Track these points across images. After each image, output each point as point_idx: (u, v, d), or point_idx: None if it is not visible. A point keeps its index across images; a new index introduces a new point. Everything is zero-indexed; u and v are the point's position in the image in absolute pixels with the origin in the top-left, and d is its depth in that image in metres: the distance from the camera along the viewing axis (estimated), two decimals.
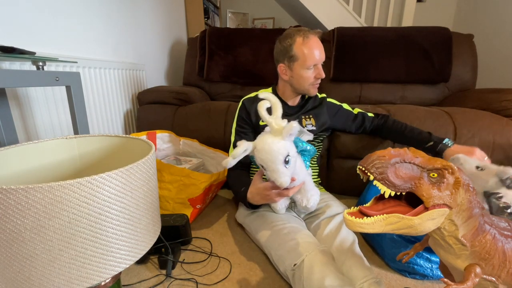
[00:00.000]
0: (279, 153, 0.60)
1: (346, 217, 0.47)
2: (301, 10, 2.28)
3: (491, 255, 0.45)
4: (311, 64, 0.90)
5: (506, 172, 0.63)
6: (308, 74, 0.91)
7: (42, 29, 0.97)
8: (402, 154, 0.45)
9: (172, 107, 1.41)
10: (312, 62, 0.89)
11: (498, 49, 1.97)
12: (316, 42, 0.90)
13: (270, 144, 0.61)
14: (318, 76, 0.92)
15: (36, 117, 0.95)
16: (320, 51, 0.90)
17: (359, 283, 0.62)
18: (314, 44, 0.89)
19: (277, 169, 0.61)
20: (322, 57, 0.91)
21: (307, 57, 0.89)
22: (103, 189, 0.43)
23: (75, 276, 0.43)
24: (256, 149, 0.64)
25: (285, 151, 0.61)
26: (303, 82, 0.93)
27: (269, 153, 0.61)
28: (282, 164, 0.61)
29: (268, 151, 0.61)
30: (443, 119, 1.14)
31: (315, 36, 0.90)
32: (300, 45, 0.89)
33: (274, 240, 0.78)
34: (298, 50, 0.89)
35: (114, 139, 0.68)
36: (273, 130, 0.64)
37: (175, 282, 0.76)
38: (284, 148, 0.61)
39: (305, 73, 0.91)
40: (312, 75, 0.92)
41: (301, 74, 0.92)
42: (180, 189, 0.99)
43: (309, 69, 0.91)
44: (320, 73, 0.92)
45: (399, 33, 1.63)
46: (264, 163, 0.62)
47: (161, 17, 1.89)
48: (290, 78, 0.95)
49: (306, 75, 0.92)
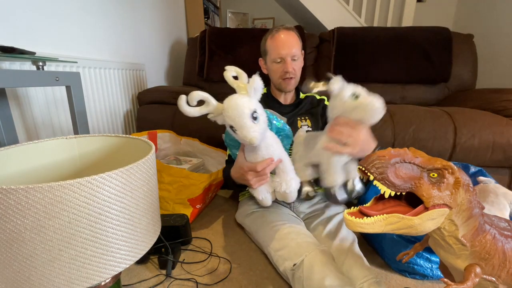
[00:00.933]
0: (244, 106, 0.61)
1: (346, 217, 0.47)
2: (301, 10, 2.28)
3: (491, 255, 0.45)
4: (276, 57, 0.93)
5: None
6: (275, 67, 0.95)
7: (42, 29, 0.97)
8: (402, 154, 0.45)
9: (172, 107, 1.41)
10: (276, 55, 0.93)
11: (498, 49, 1.97)
12: (284, 37, 0.92)
13: (235, 100, 0.62)
14: (285, 70, 0.93)
15: (36, 117, 0.95)
16: (287, 46, 0.92)
17: (359, 283, 0.62)
18: (280, 39, 0.92)
19: (245, 124, 0.61)
20: (289, 52, 0.92)
21: (273, 51, 0.93)
22: (103, 189, 0.43)
23: (75, 276, 0.43)
24: (224, 109, 0.63)
25: (251, 105, 0.62)
26: (273, 75, 0.98)
27: (235, 108, 0.61)
28: (250, 118, 0.61)
29: (234, 107, 0.61)
30: (443, 119, 1.14)
31: (287, 30, 0.93)
32: (269, 40, 0.95)
33: (273, 240, 0.78)
34: (268, 44, 0.95)
35: (114, 139, 0.68)
36: (238, 89, 0.66)
37: (175, 282, 0.76)
38: (249, 102, 0.62)
39: (273, 66, 0.96)
40: (280, 68, 0.94)
41: (271, 67, 0.97)
42: (180, 190, 0.99)
43: (276, 62, 0.94)
44: (286, 67, 0.93)
45: (399, 33, 1.63)
46: (232, 120, 0.61)
47: (161, 17, 1.89)
48: (268, 72, 1.01)
49: (274, 68, 0.96)
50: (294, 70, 0.94)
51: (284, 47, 0.91)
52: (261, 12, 3.54)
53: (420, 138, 1.13)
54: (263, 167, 0.69)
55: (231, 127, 0.64)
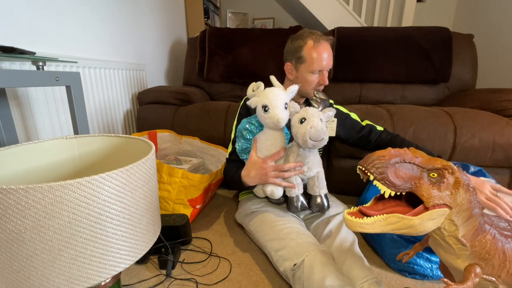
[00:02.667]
0: (281, 95, 0.77)
1: (346, 217, 0.47)
2: (301, 10, 2.28)
3: (491, 255, 0.45)
4: (317, 69, 0.90)
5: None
6: (312, 78, 0.92)
7: (42, 29, 0.97)
8: (402, 154, 0.45)
9: (172, 107, 1.41)
10: (318, 67, 0.90)
11: (498, 49, 1.97)
12: (326, 48, 0.90)
13: (277, 89, 0.78)
14: (322, 82, 0.93)
15: (36, 117, 0.95)
16: (328, 58, 0.91)
17: (359, 283, 0.62)
18: (323, 50, 0.89)
19: (278, 106, 0.75)
20: (329, 64, 0.92)
21: (315, 61, 0.89)
22: (103, 189, 0.43)
23: (75, 276, 0.43)
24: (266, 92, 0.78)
25: (286, 98, 0.78)
26: (306, 85, 0.94)
27: (276, 94, 0.77)
28: (283, 104, 0.76)
29: (275, 93, 0.77)
30: (443, 119, 1.14)
31: (326, 42, 0.91)
32: (310, 48, 0.90)
33: (274, 240, 0.78)
34: (307, 53, 0.90)
35: (114, 139, 0.68)
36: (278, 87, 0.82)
37: (175, 282, 0.76)
38: (286, 95, 0.78)
39: (310, 76, 0.92)
40: (316, 80, 0.93)
41: (306, 77, 0.93)
42: (180, 191, 0.99)
43: (314, 73, 0.92)
44: (323, 80, 0.92)
45: (399, 33, 1.63)
46: (270, 101, 0.75)
47: (161, 17, 1.89)
48: (295, 78, 0.97)
49: (311, 79, 0.92)
50: None
51: (327, 59, 0.90)
52: (261, 12, 3.54)
53: (420, 138, 1.13)
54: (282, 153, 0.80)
55: (264, 107, 0.77)
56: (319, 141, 0.72)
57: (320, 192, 0.83)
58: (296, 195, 0.82)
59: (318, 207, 0.83)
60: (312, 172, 0.81)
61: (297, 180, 0.81)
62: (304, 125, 0.73)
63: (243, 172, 0.84)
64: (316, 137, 0.71)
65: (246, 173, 0.83)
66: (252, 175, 0.81)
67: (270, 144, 0.80)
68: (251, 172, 0.81)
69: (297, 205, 0.82)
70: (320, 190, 0.83)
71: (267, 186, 0.82)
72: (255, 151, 0.82)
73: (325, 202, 0.84)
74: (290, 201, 0.83)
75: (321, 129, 0.72)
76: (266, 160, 0.79)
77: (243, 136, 0.89)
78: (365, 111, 1.22)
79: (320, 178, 0.83)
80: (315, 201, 0.83)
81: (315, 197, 0.83)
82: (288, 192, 0.82)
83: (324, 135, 0.72)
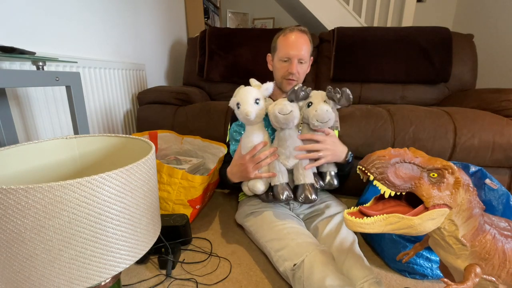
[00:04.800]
0: (251, 92, 0.81)
1: (346, 217, 0.47)
2: (301, 10, 2.28)
3: (491, 255, 0.45)
4: (284, 55, 0.94)
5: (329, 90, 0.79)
6: (280, 65, 0.96)
7: (42, 29, 0.97)
8: (402, 154, 0.45)
9: (172, 107, 1.41)
10: (284, 54, 0.94)
11: (498, 49, 1.97)
12: (295, 37, 0.93)
13: (248, 87, 0.83)
14: (289, 70, 0.94)
15: (36, 117, 0.95)
16: (296, 47, 0.92)
17: (359, 283, 0.62)
18: (291, 38, 0.93)
19: (248, 101, 0.79)
20: (297, 53, 0.93)
21: (282, 48, 0.94)
22: (103, 189, 0.43)
23: (75, 276, 0.43)
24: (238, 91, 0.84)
25: (258, 94, 0.81)
26: (277, 73, 0.99)
27: (246, 91, 0.81)
28: (253, 100, 0.80)
29: (246, 90, 0.82)
30: (443, 119, 1.14)
31: (299, 33, 0.94)
32: (280, 37, 0.96)
33: (273, 241, 0.78)
34: (278, 42, 0.96)
35: (114, 139, 0.68)
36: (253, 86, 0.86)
37: (175, 282, 0.76)
38: (257, 92, 0.82)
39: (279, 64, 0.97)
40: (284, 67, 0.95)
41: (276, 65, 0.98)
42: (180, 191, 0.99)
43: (282, 60, 0.95)
44: (290, 68, 0.94)
45: (399, 33, 1.63)
46: (240, 98, 0.80)
47: (161, 17, 1.89)
48: (273, 68, 1.02)
49: (279, 66, 0.97)
50: (298, 73, 0.95)
51: (293, 47, 0.92)
52: (261, 12, 3.54)
53: (420, 138, 1.13)
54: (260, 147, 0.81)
55: (237, 104, 0.81)
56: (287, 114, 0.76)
57: (305, 180, 0.80)
58: (280, 183, 0.80)
59: (304, 198, 0.78)
60: (292, 158, 0.81)
61: (280, 168, 0.81)
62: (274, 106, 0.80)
63: (228, 169, 0.90)
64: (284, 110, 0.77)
65: (229, 170, 0.90)
66: (234, 171, 0.87)
67: (249, 141, 0.83)
68: (233, 169, 0.87)
69: (282, 197, 0.79)
70: (305, 178, 0.80)
71: (250, 181, 0.85)
72: (240, 149, 0.85)
73: (312, 192, 0.79)
74: (275, 193, 0.81)
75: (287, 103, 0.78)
76: (245, 156, 0.82)
77: (233, 138, 0.93)
78: (365, 111, 1.22)
79: (304, 165, 0.81)
80: (301, 191, 0.80)
81: (301, 186, 0.80)
82: (272, 181, 0.81)
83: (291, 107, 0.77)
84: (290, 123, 0.78)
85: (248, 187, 0.86)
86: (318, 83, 1.78)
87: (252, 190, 0.85)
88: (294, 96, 0.79)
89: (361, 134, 1.16)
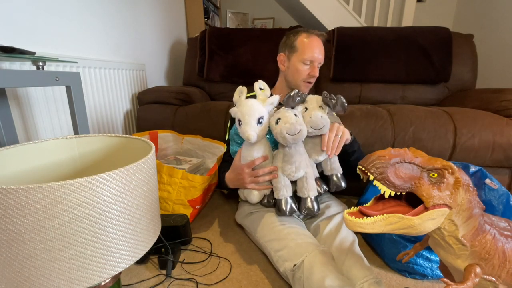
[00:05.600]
0: (256, 110, 0.75)
1: (346, 217, 0.47)
2: (301, 10, 2.28)
3: (491, 255, 0.45)
4: (308, 58, 0.93)
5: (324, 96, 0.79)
6: (303, 68, 0.95)
7: (42, 29, 0.97)
8: (402, 154, 0.45)
9: (172, 107, 1.41)
10: (309, 57, 0.93)
11: (498, 49, 1.97)
12: (318, 41, 0.95)
13: (252, 102, 0.76)
14: (312, 74, 0.94)
15: (36, 117, 0.95)
16: (319, 51, 0.94)
17: (359, 283, 0.62)
18: (315, 42, 0.93)
19: (250, 122, 0.74)
20: (320, 57, 0.95)
21: (306, 51, 0.93)
22: (103, 189, 0.43)
23: (75, 276, 0.43)
24: (241, 105, 0.77)
25: (262, 112, 0.76)
26: (297, 76, 0.97)
27: (249, 107, 0.75)
28: (256, 120, 0.75)
29: (249, 106, 0.75)
30: (443, 119, 1.14)
31: (318, 37, 0.95)
32: (302, 39, 0.95)
33: (273, 241, 0.78)
34: (300, 43, 0.94)
35: (114, 139, 0.68)
36: (258, 98, 0.79)
37: (175, 282, 0.76)
38: (262, 109, 0.76)
39: (301, 66, 0.95)
40: (306, 71, 0.95)
41: (297, 67, 0.96)
42: (180, 191, 0.99)
43: (305, 63, 0.94)
44: (313, 71, 0.94)
45: (399, 33, 1.63)
46: (242, 115, 0.75)
47: (161, 17, 1.89)
48: (286, 69, 1.00)
49: (301, 69, 0.95)
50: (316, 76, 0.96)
51: (318, 51, 0.93)
52: (261, 12, 3.54)
53: (420, 138, 1.13)
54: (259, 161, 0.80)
55: (239, 121, 0.76)
56: (297, 134, 0.73)
57: (309, 194, 0.80)
58: (285, 197, 0.80)
59: (307, 211, 0.80)
60: (299, 172, 0.78)
61: (285, 182, 0.80)
62: (280, 123, 0.75)
63: (227, 175, 0.91)
64: (293, 130, 0.72)
65: (227, 176, 0.91)
66: (232, 178, 0.88)
67: (249, 154, 0.81)
68: (231, 175, 0.88)
69: (285, 209, 0.79)
70: (309, 192, 0.80)
71: (245, 190, 0.86)
72: (239, 157, 0.85)
73: (314, 205, 0.81)
74: (278, 205, 0.81)
75: (295, 121, 0.73)
76: (244, 167, 0.82)
77: (234, 139, 0.93)
78: (365, 111, 1.22)
79: (309, 179, 0.80)
80: (304, 204, 0.81)
81: (304, 199, 0.81)
82: (277, 194, 0.81)
83: (300, 126, 0.73)
84: (299, 141, 0.77)
85: (244, 195, 0.88)
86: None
87: (246, 199, 0.87)
88: (291, 102, 0.77)
89: (361, 134, 1.16)
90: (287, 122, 0.73)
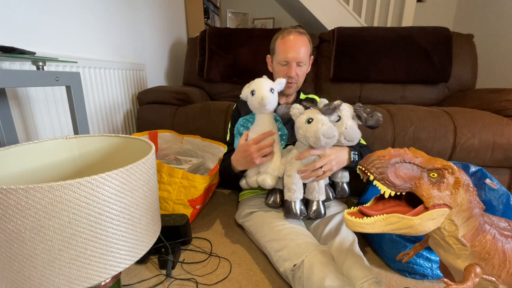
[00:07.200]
0: (267, 82, 0.83)
1: (346, 217, 0.47)
2: (301, 10, 2.28)
3: (491, 255, 0.45)
4: (282, 59, 0.93)
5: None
6: (280, 69, 0.96)
7: (42, 29, 0.97)
8: (402, 154, 0.45)
9: (172, 107, 1.41)
10: (283, 57, 0.93)
11: (498, 49, 1.97)
12: (294, 40, 0.91)
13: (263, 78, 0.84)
14: (288, 74, 0.93)
15: (36, 117, 0.95)
16: (294, 50, 0.91)
17: (359, 283, 0.62)
18: (289, 41, 0.92)
19: (264, 88, 0.80)
20: (296, 57, 0.91)
21: (280, 51, 0.94)
22: (103, 189, 0.43)
23: (75, 276, 0.43)
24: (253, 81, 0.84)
25: (272, 84, 0.83)
26: (276, 76, 0.98)
27: (261, 80, 0.83)
28: (268, 88, 0.81)
29: (260, 80, 0.83)
30: (443, 119, 1.14)
31: (296, 34, 0.92)
32: (279, 40, 0.95)
33: (273, 241, 0.78)
34: (276, 45, 0.96)
35: (114, 139, 0.68)
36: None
37: (175, 282, 0.76)
38: (271, 83, 0.84)
39: (278, 67, 0.96)
40: (284, 71, 0.95)
41: (275, 68, 0.98)
42: (180, 191, 0.99)
43: (281, 64, 0.95)
44: (290, 71, 0.93)
45: (399, 33, 1.63)
46: (256, 86, 0.81)
47: (161, 17, 1.89)
48: (272, 70, 1.02)
49: (278, 70, 0.96)
50: (297, 75, 0.94)
51: (291, 50, 0.91)
52: (261, 12, 3.54)
53: (420, 138, 1.13)
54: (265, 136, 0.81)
55: (252, 91, 0.82)
56: (331, 138, 0.73)
57: (319, 197, 0.82)
58: (298, 199, 0.80)
59: (316, 213, 0.82)
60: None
61: (299, 184, 0.80)
62: (314, 123, 0.73)
63: (232, 157, 0.89)
64: (329, 134, 0.72)
65: (234, 157, 0.88)
66: (239, 158, 0.86)
67: (259, 130, 0.83)
68: (238, 155, 0.86)
69: (296, 211, 0.80)
70: (320, 195, 0.81)
71: (259, 175, 0.85)
72: (244, 138, 0.86)
73: (322, 208, 0.82)
74: (288, 207, 0.80)
75: (332, 126, 0.73)
76: (250, 143, 0.81)
77: (240, 132, 0.92)
78: None
79: (321, 183, 0.81)
80: (312, 206, 0.82)
81: (313, 202, 0.82)
82: (289, 196, 0.81)
83: (335, 131, 0.73)
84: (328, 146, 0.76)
85: (258, 181, 0.85)
86: (318, 83, 1.78)
87: (261, 184, 0.84)
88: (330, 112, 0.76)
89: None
90: (325, 125, 0.73)
